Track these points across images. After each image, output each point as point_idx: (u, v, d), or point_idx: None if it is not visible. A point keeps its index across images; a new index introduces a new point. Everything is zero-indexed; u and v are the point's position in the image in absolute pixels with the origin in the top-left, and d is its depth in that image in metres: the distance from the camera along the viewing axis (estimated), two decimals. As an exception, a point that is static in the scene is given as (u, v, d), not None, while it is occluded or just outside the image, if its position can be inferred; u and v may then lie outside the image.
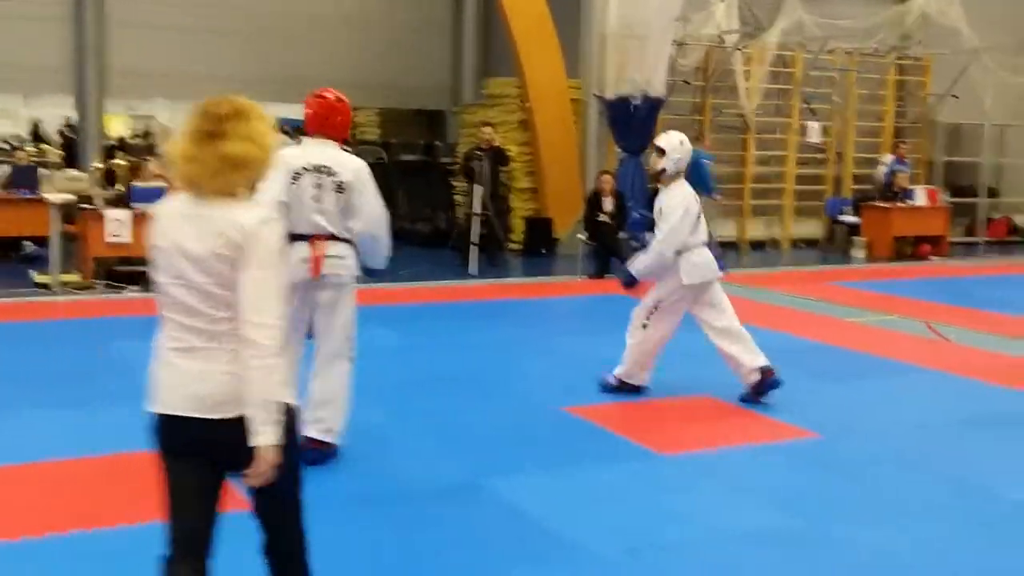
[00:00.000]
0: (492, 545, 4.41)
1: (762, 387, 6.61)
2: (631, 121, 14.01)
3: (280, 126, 11.64)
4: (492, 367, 7.70)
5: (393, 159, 16.85)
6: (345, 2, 16.56)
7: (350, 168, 5.21)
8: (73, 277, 10.71)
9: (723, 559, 4.29)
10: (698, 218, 6.69)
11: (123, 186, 11.18)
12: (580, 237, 12.78)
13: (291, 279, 4.70)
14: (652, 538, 4.50)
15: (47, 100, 19.07)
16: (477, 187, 12.69)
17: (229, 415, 2.84)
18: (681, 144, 6.67)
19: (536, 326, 9.78)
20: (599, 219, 12.60)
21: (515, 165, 14.28)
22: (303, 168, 5.12)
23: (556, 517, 4.67)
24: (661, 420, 6.40)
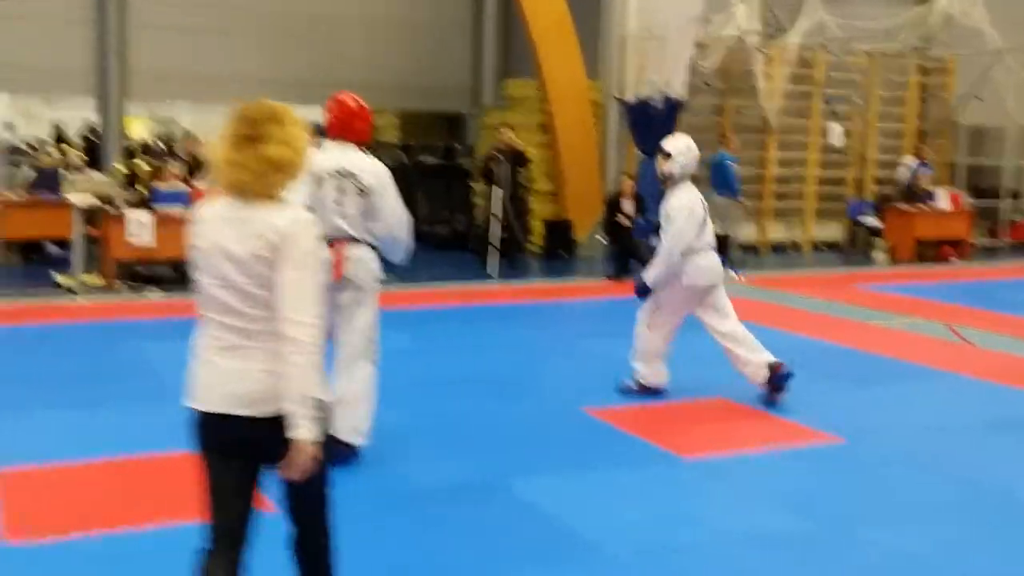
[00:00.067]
0: (508, 545, 4.42)
1: (776, 381, 6.60)
2: (651, 123, 13.92)
3: (314, 128, 11.65)
4: (511, 369, 7.72)
5: (413, 161, 16.89)
6: (366, 5, 16.61)
7: (371, 172, 5.25)
8: (95, 279, 10.79)
9: (739, 562, 4.28)
10: (704, 221, 6.70)
11: (144, 188, 11.25)
12: (599, 238, 12.75)
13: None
14: (668, 540, 4.49)
15: (69, 102, 19.16)
16: (496, 189, 12.70)
17: (267, 412, 2.90)
18: (688, 148, 6.68)
19: (555, 328, 9.79)
20: (619, 221, 12.61)
21: (534, 167, 14.24)
22: (325, 173, 5.16)
23: (573, 518, 4.68)
24: (679, 422, 6.40)
